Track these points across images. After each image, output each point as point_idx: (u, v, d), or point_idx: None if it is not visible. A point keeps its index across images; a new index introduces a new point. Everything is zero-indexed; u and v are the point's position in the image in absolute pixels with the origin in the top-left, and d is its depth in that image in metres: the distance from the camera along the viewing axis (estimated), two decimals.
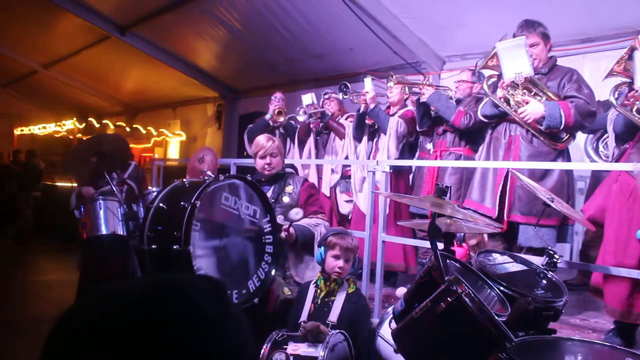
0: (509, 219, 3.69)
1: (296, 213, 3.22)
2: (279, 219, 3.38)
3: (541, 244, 3.49)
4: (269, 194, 3.48)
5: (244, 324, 0.77)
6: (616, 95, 3.36)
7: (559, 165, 3.66)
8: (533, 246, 3.60)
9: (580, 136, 5.12)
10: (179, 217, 2.79)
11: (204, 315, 0.70)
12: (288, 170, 3.76)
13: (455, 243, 2.92)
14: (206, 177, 3.10)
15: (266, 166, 3.58)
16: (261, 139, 3.65)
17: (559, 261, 2.65)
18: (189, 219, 2.78)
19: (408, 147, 5.00)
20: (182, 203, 2.84)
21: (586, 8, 5.39)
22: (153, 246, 2.89)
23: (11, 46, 11.90)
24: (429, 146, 4.80)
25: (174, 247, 2.76)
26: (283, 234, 3.26)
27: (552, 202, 2.78)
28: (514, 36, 3.78)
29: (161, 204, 3.00)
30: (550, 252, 2.67)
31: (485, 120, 4.00)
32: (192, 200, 2.81)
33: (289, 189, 3.57)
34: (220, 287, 0.77)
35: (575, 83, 3.68)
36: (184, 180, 3.17)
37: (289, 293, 3.27)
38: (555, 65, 3.83)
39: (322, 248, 3.10)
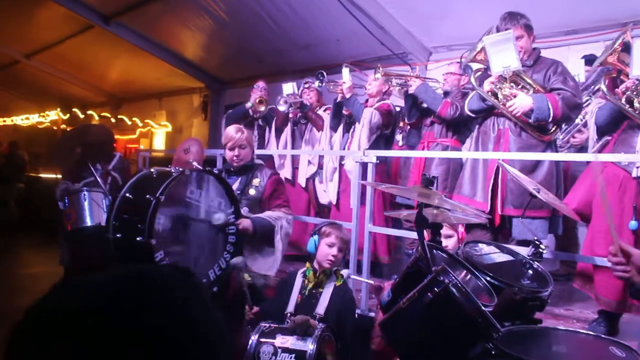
0: (502, 212, 3.71)
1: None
2: (244, 210, 3.44)
3: (534, 236, 3.52)
4: (236, 185, 3.56)
5: (216, 309, 0.76)
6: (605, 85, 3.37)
7: (548, 157, 3.68)
8: (526, 238, 3.62)
9: None
10: (143, 209, 2.87)
11: (177, 302, 0.69)
12: (257, 161, 3.78)
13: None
14: (172, 169, 3.19)
15: (234, 158, 3.62)
16: (230, 130, 3.66)
17: (544, 251, 2.66)
18: (152, 212, 2.86)
19: (384, 140, 4.99)
20: (147, 196, 2.90)
21: (569, 0, 5.42)
22: (118, 235, 2.96)
23: None
24: (398, 137, 4.82)
25: (137, 238, 2.83)
26: (239, 227, 3.31)
27: (539, 192, 2.79)
28: (497, 29, 3.79)
29: (128, 194, 3.06)
30: (536, 242, 2.68)
31: (473, 115, 4.00)
32: (157, 195, 2.89)
33: (255, 181, 3.60)
34: (190, 275, 0.77)
35: (561, 75, 3.70)
36: (152, 169, 3.21)
37: (249, 278, 3.29)
38: (539, 57, 3.85)
39: (316, 236, 3.11)
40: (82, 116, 13.23)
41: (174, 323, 0.67)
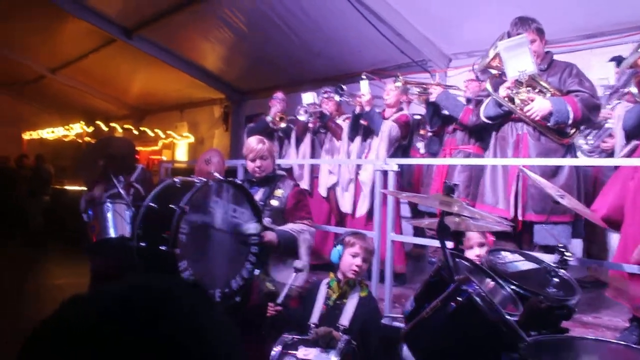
0: (523, 218, 3.65)
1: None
2: (266, 221, 3.43)
3: (557, 242, 3.46)
4: (258, 196, 3.54)
5: (229, 324, 0.76)
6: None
7: (570, 162, 3.63)
8: (549, 244, 3.56)
9: None
10: (167, 219, 2.87)
11: (191, 313, 0.69)
12: (280, 172, 3.77)
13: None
14: (197, 179, 3.18)
15: (256, 169, 3.61)
16: (252, 141, 3.66)
17: (570, 259, 2.61)
18: (177, 222, 2.86)
19: (402, 150, 4.97)
20: (171, 205, 2.91)
21: (591, 3, 5.35)
22: (142, 243, 2.97)
23: (19, 51, 11.94)
24: (419, 145, 4.79)
25: (161, 247, 2.84)
26: (264, 240, 3.30)
27: (563, 198, 2.74)
28: (509, 34, 3.76)
29: (152, 203, 3.07)
30: (562, 249, 2.63)
31: (489, 122, 3.95)
32: (182, 204, 2.89)
33: (278, 192, 3.58)
34: (201, 289, 0.77)
35: (577, 77, 3.67)
36: (175, 179, 3.21)
37: (272, 287, 3.27)
38: (552, 61, 3.82)
39: (340, 246, 3.08)
40: (105, 129, 13.42)
41: (188, 333, 0.66)
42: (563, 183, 3.56)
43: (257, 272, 3.29)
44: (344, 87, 5.29)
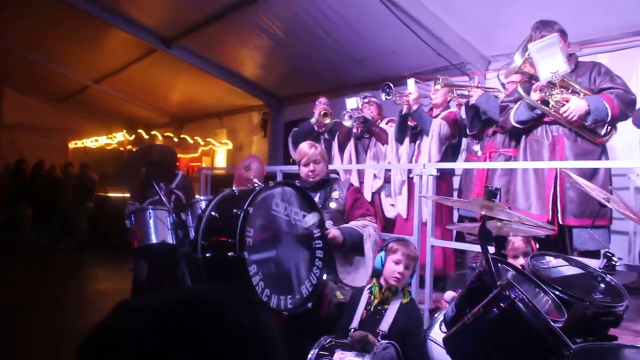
0: (563, 222, 3.57)
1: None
2: (328, 224, 3.38)
3: (597, 246, 3.37)
4: (316, 200, 3.48)
5: (274, 332, 0.76)
6: None
7: (606, 164, 3.54)
8: (589, 249, 3.47)
9: (630, 131, 4.93)
10: (232, 224, 2.84)
11: (231, 326, 0.69)
12: (333, 175, 3.75)
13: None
14: (255, 185, 3.16)
15: (310, 173, 3.58)
16: (304, 146, 3.65)
17: (617, 264, 2.53)
18: (242, 225, 2.83)
19: (451, 150, 4.91)
20: (234, 210, 2.89)
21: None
22: (207, 254, 2.95)
23: (63, 63, 12.34)
24: (477, 148, 4.70)
25: (229, 253, 2.80)
26: (328, 237, 3.28)
27: (609, 202, 2.66)
28: (532, 38, 3.70)
29: (213, 213, 3.06)
30: (609, 254, 2.55)
31: (520, 127, 3.87)
32: (245, 207, 2.86)
33: (335, 194, 3.56)
34: (249, 296, 0.77)
35: (607, 75, 3.60)
36: (234, 189, 3.23)
37: (342, 297, 3.25)
38: (578, 62, 3.74)
39: (383, 253, 3.07)
40: (146, 137, 13.69)
41: (227, 343, 0.67)
42: (600, 185, 3.46)
43: (325, 276, 3.26)
44: (391, 85, 5.25)
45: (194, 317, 0.68)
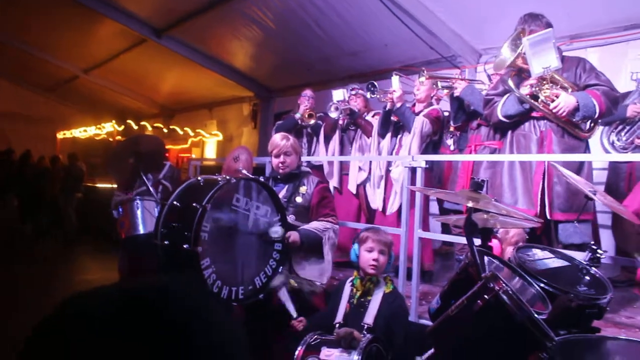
0: (551, 217, 3.59)
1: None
2: (290, 218, 3.44)
3: (581, 240, 3.39)
4: (283, 193, 3.56)
5: (229, 319, 0.76)
6: None
7: (592, 157, 3.58)
8: (574, 242, 3.50)
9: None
10: (190, 217, 2.91)
11: (180, 315, 0.69)
12: (304, 169, 3.76)
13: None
14: (220, 177, 3.22)
15: (280, 165, 3.62)
16: (276, 137, 3.68)
17: (602, 256, 2.54)
18: (199, 220, 2.89)
19: (432, 146, 4.93)
20: (194, 204, 2.94)
21: None
22: (165, 242, 3.01)
23: (53, 52, 12.23)
24: (449, 142, 4.73)
25: (184, 246, 2.87)
26: (288, 241, 3.32)
27: (595, 194, 2.67)
28: (518, 30, 3.72)
29: (175, 202, 3.11)
30: (593, 247, 2.56)
31: (507, 121, 3.88)
32: (204, 203, 2.93)
33: (302, 189, 3.58)
34: (201, 286, 0.77)
35: (592, 71, 3.64)
36: (199, 178, 3.26)
37: (295, 284, 3.27)
38: (563, 57, 3.75)
39: (356, 245, 3.07)
40: (135, 127, 13.60)
41: (183, 333, 0.67)
42: (585, 179, 3.50)
43: (281, 269, 3.31)
44: (375, 84, 5.26)
45: (141, 307, 0.67)
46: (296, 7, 7.28)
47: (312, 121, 5.67)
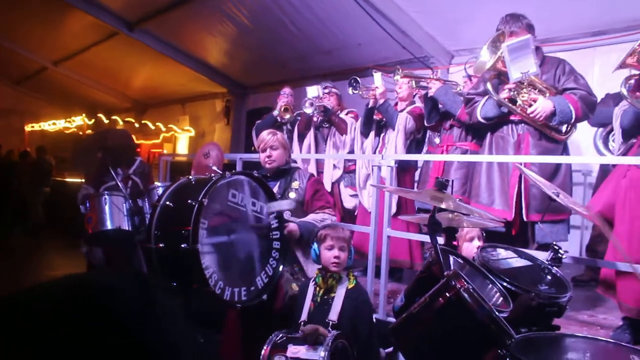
0: (527, 219, 3.64)
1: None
2: (286, 214, 3.37)
3: (557, 239, 3.46)
4: (275, 190, 3.47)
5: (170, 315, 0.76)
6: (627, 88, 3.31)
7: (569, 160, 3.63)
8: (548, 242, 3.55)
9: (590, 130, 5.07)
10: (186, 215, 2.76)
11: (122, 311, 0.69)
12: (294, 165, 3.73)
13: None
14: (212, 174, 3.10)
15: (266, 159, 3.57)
16: (263, 133, 3.66)
17: (564, 256, 2.60)
18: (196, 217, 2.75)
19: (415, 144, 4.96)
20: (189, 201, 2.81)
21: (597, 1, 5.32)
22: (160, 245, 2.86)
23: (22, 43, 11.97)
24: (438, 140, 4.76)
25: (182, 245, 2.73)
26: (285, 231, 3.25)
27: (558, 196, 2.73)
28: (499, 31, 3.76)
29: (168, 202, 2.97)
30: (555, 247, 2.62)
31: (485, 122, 3.93)
32: (200, 198, 2.78)
33: (295, 184, 3.55)
34: (143, 282, 0.77)
35: (571, 74, 3.67)
36: (190, 177, 3.15)
37: (297, 288, 3.23)
38: (544, 57, 3.80)
39: (315, 244, 3.06)
40: (106, 121, 13.44)
41: (123, 329, 0.67)
42: (561, 181, 3.57)
43: (281, 268, 3.23)
44: (358, 79, 5.26)
45: (78, 305, 0.67)
46: (271, 4, 7.26)
47: (288, 115, 5.64)
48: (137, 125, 13.32)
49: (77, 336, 0.64)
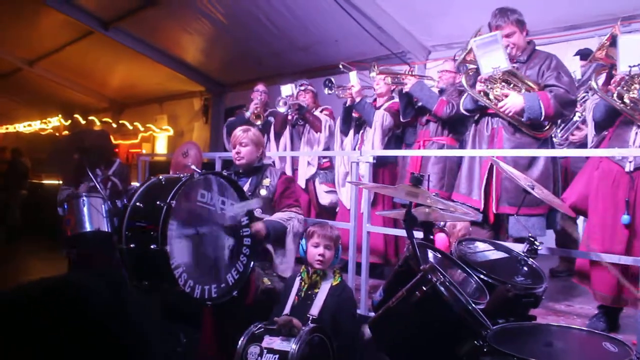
0: (497, 211, 3.68)
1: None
2: (257, 212, 3.40)
3: (533, 234, 3.51)
4: (246, 187, 3.52)
5: (146, 315, 0.77)
6: (596, 81, 3.36)
7: (538, 153, 3.65)
8: (524, 236, 3.60)
9: None
10: (155, 217, 2.82)
11: (90, 311, 0.70)
12: (267, 162, 3.75)
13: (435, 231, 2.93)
14: (182, 174, 3.14)
15: (236, 155, 3.61)
16: (236, 130, 3.68)
17: (539, 248, 2.65)
18: (165, 218, 2.80)
19: (395, 140, 4.98)
20: (158, 202, 2.86)
21: None
22: (131, 245, 2.90)
23: None
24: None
25: (152, 246, 2.78)
26: (252, 231, 3.29)
27: (533, 189, 2.78)
28: (489, 25, 3.77)
29: (138, 203, 3.00)
30: (531, 239, 2.67)
31: (468, 114, 3.99)
32: (168, 200, 2.83)
33: (266, 181, 3.58)
34: (116, 281, 0.77)
35: (555, 70, 3.64)
36: (160, 177, 3.17)
37: (269, 283, 3.27)
38: (534, 52, 3.80)
39: (303, 240, 3.11)
40: (83, 122, 13.27)
41: (85, 328, 0.68)
42: (538, 175, 3.57)
43: (252, 264, 3.27)
44: (332, 79, 5.27)
45: (55, 306, 0.68)
46: (246, 1, 7.24)
47: (259, 122, 5.62)
48: (114, 125, 13.18)
49: (55, 336, 0.65)
